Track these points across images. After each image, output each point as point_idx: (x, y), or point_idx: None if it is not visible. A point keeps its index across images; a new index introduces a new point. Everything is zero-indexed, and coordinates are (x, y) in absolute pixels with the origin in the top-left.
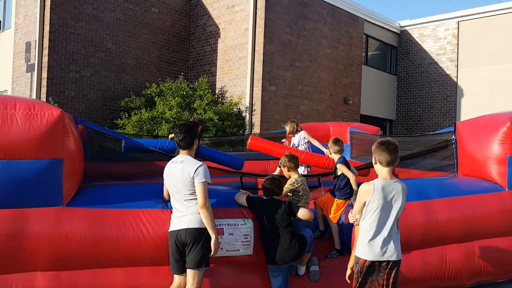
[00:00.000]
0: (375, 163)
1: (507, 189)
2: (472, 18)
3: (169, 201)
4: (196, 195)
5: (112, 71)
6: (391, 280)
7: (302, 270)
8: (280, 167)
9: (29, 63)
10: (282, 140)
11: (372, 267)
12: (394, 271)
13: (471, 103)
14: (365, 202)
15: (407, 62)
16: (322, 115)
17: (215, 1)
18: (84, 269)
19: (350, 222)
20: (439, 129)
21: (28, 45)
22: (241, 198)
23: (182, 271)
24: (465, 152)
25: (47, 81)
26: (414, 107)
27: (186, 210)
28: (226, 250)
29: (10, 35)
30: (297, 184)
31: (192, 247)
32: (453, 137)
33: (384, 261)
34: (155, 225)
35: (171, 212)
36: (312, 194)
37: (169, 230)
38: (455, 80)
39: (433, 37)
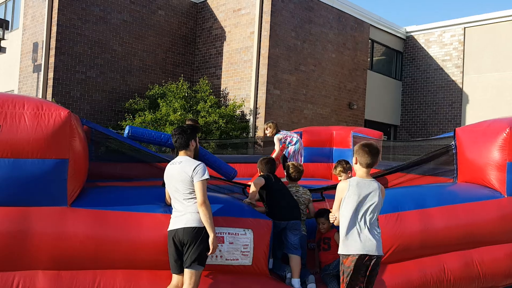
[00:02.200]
0: (355, 163)
1: (506, 196)
2: (479, 25)
3: (171, 205)
4: (195, 194)
5: (117, 72)
6: (372, 277)
7: (296, 282)
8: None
9: (35, 64)
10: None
11: (357, 266)
12: (375, 268)
13: (476, 109)
14: (342, 198)
15: (413, 68)
16: (326, 120)
17: (221, 4)
18: (85, 270)
19: (330, 221)
20: None
21: (35, 45)
22: (258, 181)
23: (180, 271)
24: (465, 158)
25: (53, 82)
26: (419, 113)
27: (185, 210)
28: (226, 259)
29: (18, 36)
30: None
31: (190, 246)
32: (453, 142)
33: (366, 256)
34: (156, 229)
35: None
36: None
37: (168, 229)
38: (461, 86)
39: (439, 43)
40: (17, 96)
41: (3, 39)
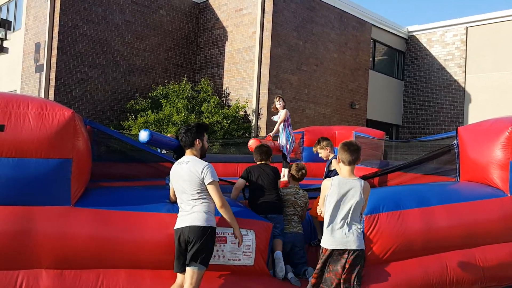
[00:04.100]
0: (339, 162)
1: (508, 194)
2: (481, 24)
3: (175, 202)
4: (203, 195)
5: (119, 72)
6: (354, 271)
7: (278, 253)
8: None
9: (38, 64)
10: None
11: (331, 256)
12: (356, 262)
13: (479, 109)
14: (325, 195)
15: (415, 68)
16: (328, 119)
17: (223, 4)
18: (88, 269)
19: (318, 213)
20: None
21: (37, 45)
22: (237, 185)
23: (183, 270)
24: (467, 157)
25: (55, 82)
26: (421, 113)
27: (192, 209)
28: (228, 259)
29: (20, 36)
30: (283, 192)
31: (194, 244)
32: (455, 141)
33: (345, 250)
34: (160, 229)
35: (176, 216)
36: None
37: (174, 228)
38: (463, 86)
39: (441, 42)
40: (21, 96)
41: (6, 39)
